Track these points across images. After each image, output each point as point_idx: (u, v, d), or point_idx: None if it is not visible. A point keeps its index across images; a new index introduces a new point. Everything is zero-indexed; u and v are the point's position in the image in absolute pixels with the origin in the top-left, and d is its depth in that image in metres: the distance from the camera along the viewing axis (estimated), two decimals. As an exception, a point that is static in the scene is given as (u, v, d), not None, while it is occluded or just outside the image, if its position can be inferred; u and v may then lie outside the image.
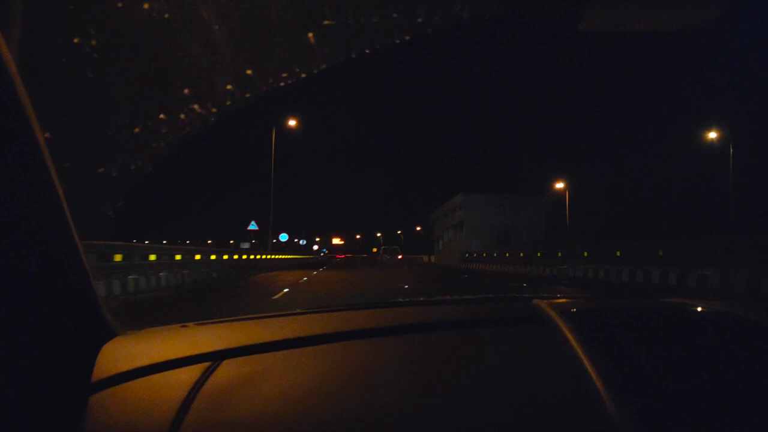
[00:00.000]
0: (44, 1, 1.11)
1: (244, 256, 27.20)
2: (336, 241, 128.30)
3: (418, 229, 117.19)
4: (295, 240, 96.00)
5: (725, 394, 0.81)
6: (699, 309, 1.22)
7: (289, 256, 52.04)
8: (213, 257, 19.47)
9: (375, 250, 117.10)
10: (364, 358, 0.95)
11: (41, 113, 0.74)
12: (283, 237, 46.91)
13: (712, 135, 31.72)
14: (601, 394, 0.79)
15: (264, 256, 32.70)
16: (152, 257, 14.48)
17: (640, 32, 1.45)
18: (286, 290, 13.91)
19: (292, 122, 32.92)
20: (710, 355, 0.94)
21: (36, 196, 0.78)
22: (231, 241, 38.38)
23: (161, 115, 1.65)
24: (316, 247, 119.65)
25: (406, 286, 16.06)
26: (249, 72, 1.83)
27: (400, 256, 56.85)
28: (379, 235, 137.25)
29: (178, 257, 16.29)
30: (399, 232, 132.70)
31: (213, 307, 10.25)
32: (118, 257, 12.58)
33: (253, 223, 30.89)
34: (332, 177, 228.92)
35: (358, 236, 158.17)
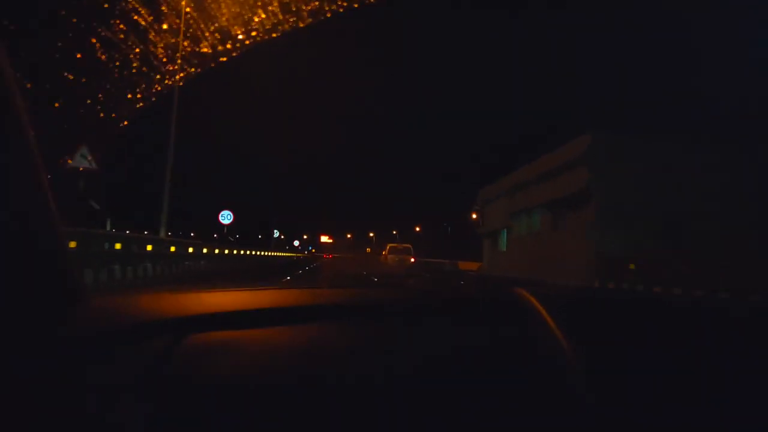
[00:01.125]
0: None
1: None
2: (324, 239, 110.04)
3: (417, 229, 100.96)
4: (280, 235, 77.77)
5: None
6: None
7: (241, 252, 33.72)
8: None
9: (369, 250, 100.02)
10: (335, 337, 0.98)
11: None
12: (227, 217, 28.16)
13: None
14: (576, 376, 0.87)
15: (139, 247, 14.29)
16: None
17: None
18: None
19: None
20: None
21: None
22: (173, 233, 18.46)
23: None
24: (297, 243, 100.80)
25: None
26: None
27: (412, 259, 39.80)
28: (371, 235, 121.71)
29: None
30: (395, 231, 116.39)
31: None
32: None
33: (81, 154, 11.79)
34: (326, 168, 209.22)
35: (348, 236, 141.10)
